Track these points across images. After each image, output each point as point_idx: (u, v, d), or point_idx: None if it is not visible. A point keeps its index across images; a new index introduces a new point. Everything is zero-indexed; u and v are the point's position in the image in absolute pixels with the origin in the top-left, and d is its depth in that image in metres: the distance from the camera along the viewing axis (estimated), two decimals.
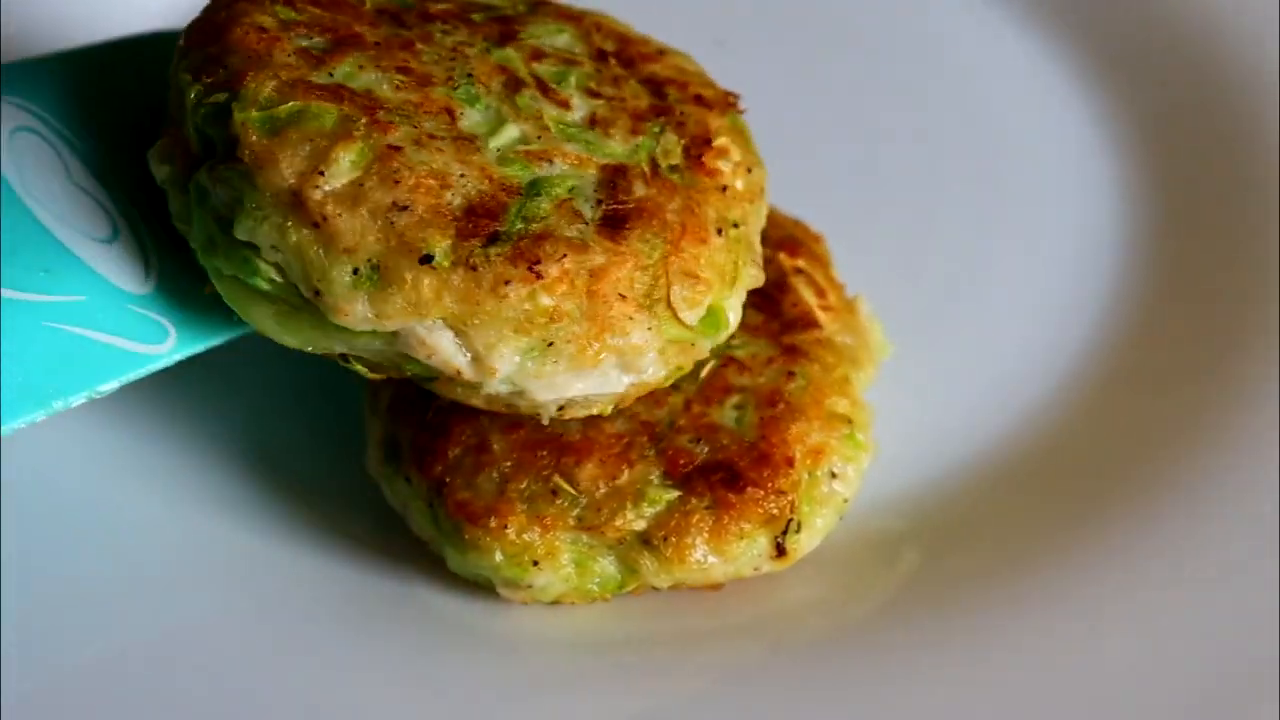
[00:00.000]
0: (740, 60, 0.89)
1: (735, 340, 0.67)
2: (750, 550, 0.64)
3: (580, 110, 0.64)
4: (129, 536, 0.68)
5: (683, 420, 0.66)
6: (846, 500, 0.66)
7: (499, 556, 0.64)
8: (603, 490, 0.64)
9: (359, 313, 0.58)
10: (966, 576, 0.68)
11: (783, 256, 0.71)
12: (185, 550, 0.68)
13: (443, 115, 0.62)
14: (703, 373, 0.67)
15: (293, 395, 0.73)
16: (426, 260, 0.58)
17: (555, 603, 0.66)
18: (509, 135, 0.62)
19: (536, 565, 0.64)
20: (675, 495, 0.64)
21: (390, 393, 0.68)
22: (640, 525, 0.64)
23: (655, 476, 0.64)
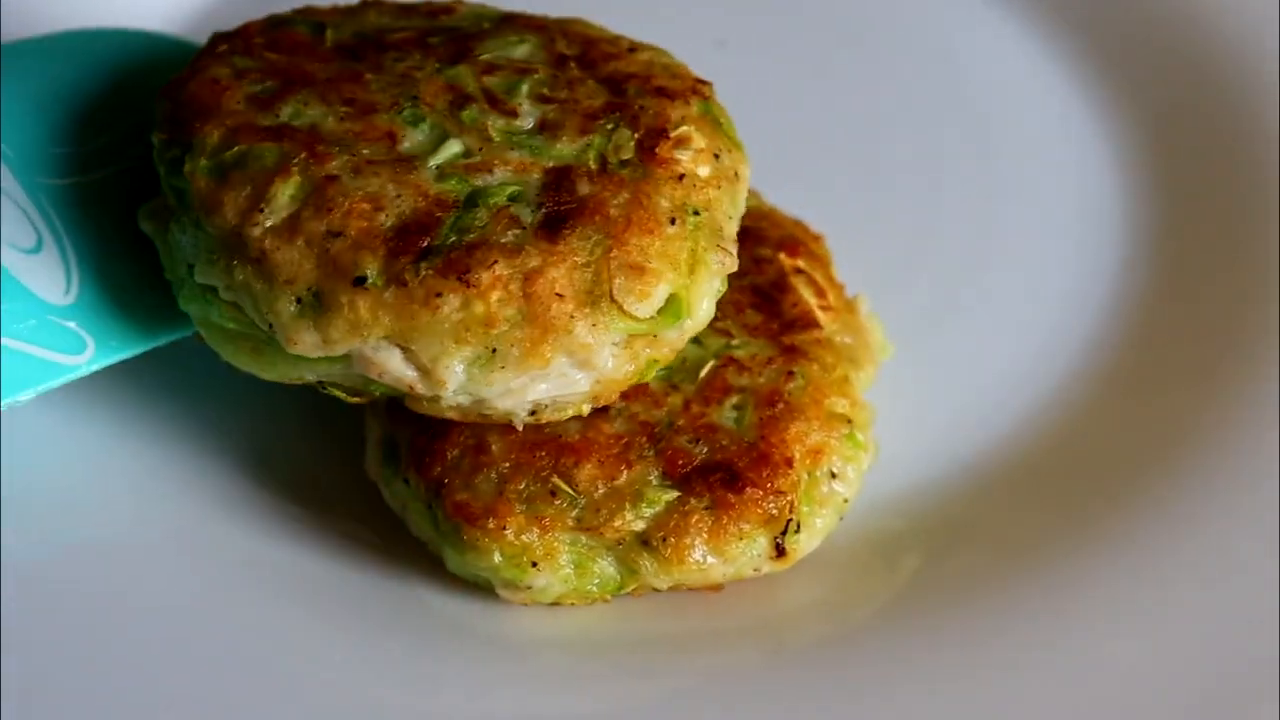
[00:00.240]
0: (740, 60, 0.90)
1: (734, 340, 0.68)
2: (750, 551, 0.64)
3: (530, 117, 0.65)
4: (127, 536, 0.68)
5: (681, 420, 0.65)
6: (847, 500, 0.66)
7: (497, 557, 0.63)
8: (601, 491, 0.64)
9: (308, 341, 0.60)
10: (967, 577, 0.68)
11: (783, 256, 0.71)
12: (184, 551, 0.68)
13: (384, 140, 0.64)
14: (702, 373, 0.67)
15: (292, 397, 0.73)
16: (360, 282, 0.60)
17: (555, 604, 0.65)
18: (450, 151, 0.63)
19: (535, 566, 0.63)
20: (674, 496, 0.64)
21: None
22: (639, 526, 0.64)
23: (654, 477, 0.64)
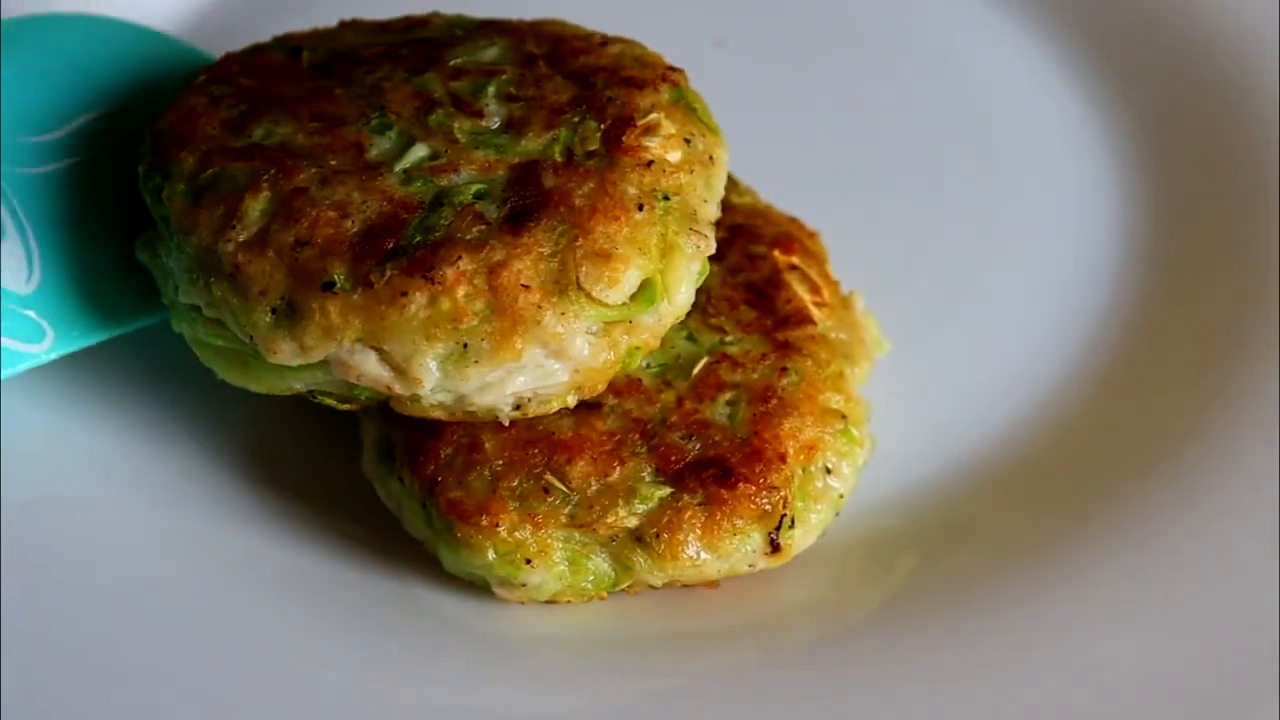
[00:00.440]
0: (740, 60, 0.90)
1: (728, 337, 0.68)
2: (744, 546, 0.64)
3: (497, 117, 0.65)
4: (125, 536, 0.68)
5: (674, 417, 0.65)
6: (842, 496, 0.66)
7: (491, 555, 0.63)
8: (594, 487, 0.64)
9: (286, 349, 0.61)
10: (964, 576, 0.68)
11: (777, 253, 0.71)
12: (181, 551, 0.68)
13: (351, 150, 0.65)
14: (695, 369, 0.67)
15: (287, 399, 0.73)
16: (329, 287, 0.61)
17: (551, 601, 0.65)
18: (416, 155, 0.64)
19: (529, 563, 0.63)
20: (667, 492, 0.64)
21: None
22: (633, 522, 0.64)
23: (647, 473, 0.64)
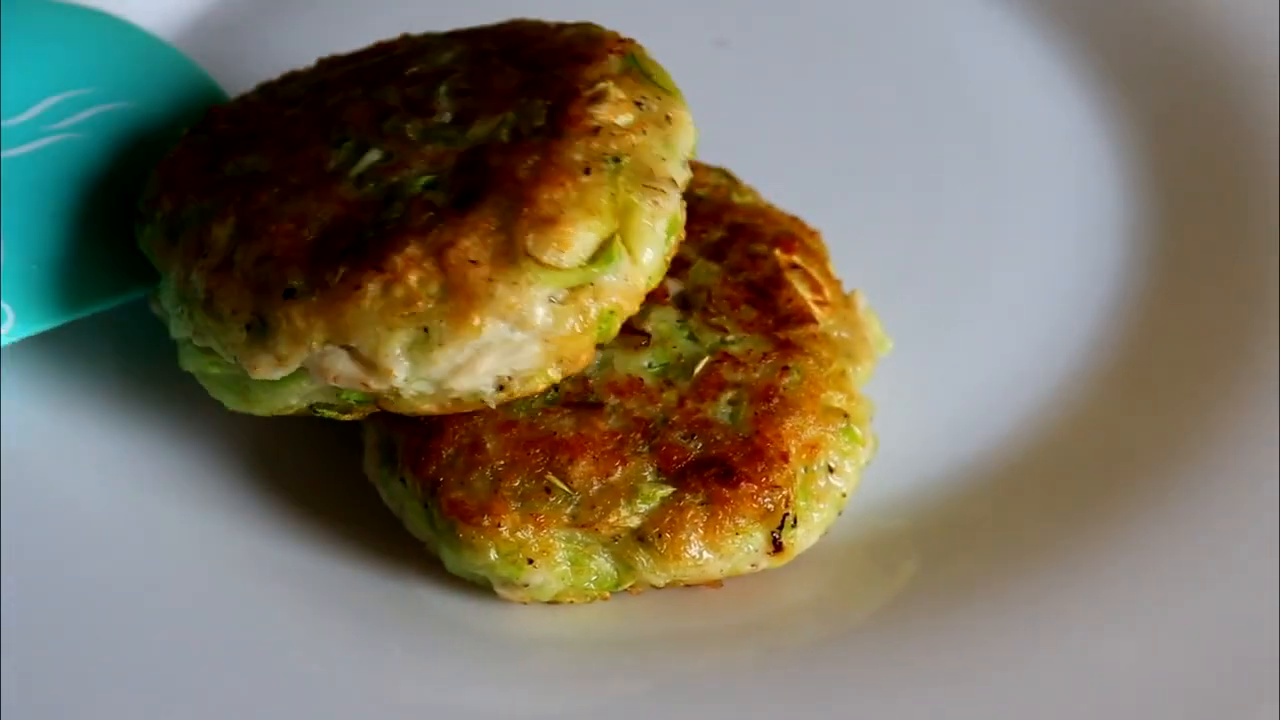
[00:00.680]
0: (742, 60, 0.90)
1: (729, 336, 0.68)
2: (746, 546, 0.64)
3: (449, 112, 0.66)
4: (126, 537, 0.68)
5: (676, 416, 0.65)
6: (845, 495, 0.66)
7: (493, 555, 0.63)
8: (596, 487, 0.64)
9: (265, 363, 0.63)
10: (966, 577, 0.68)
11: (778, 252, 0.70)
12: (185, 552, 0.68)
13: (311, 167, 0.66)
14: (697, 369, 0.66)
15: None
16: (290, 294, 0.62)
17: (553, 602, 0.65)
18: (369, 160, 0.65)
19: (531, 563, 0.63)
20: (669, 491, 0.64)
21: None
22: (635, 522, 0.64)
23: (649, 473, 0.64)
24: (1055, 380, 0.76)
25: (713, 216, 0.72)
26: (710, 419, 0.65)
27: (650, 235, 0.63)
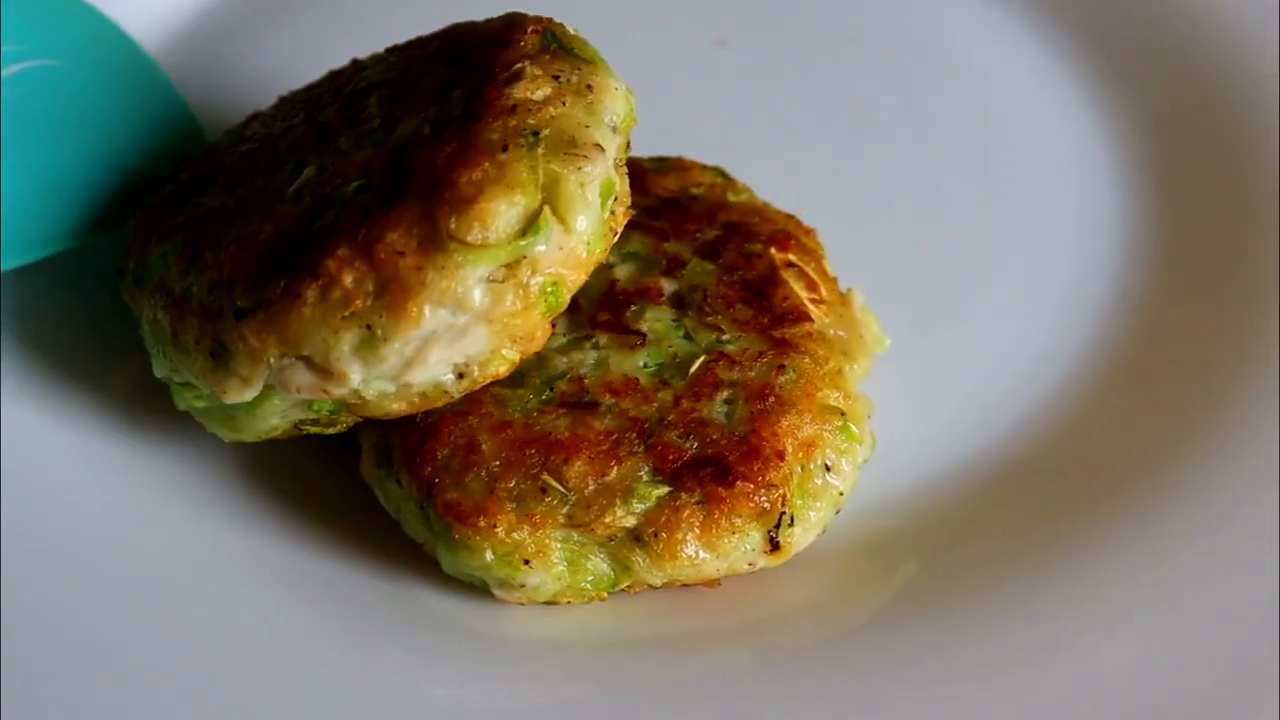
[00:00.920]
0: (741, 59, 0.90)
1: (725, 335, 0.67)
2: (743, 545, 0.64)
3: (377, 119, 0.67)
4: (123, 539, 0.68)
5: (672, 416, 0.65)
6: (842, 494, 0.66)
7: (489, 556, 0.63)
8: (592, 487, 0.64)
9: (233, 386, 0.64)
10: (964, 578, 0.67)
11: (773, 251, 0.70)
12: (182, 555, 0.68)
13: (256, 194, 0.67)
14: (692, 369, 0.66)
15: None
16: (240, 314, 0.63)
17: (550, 602, 0.65)
18: (305, 176, 0.66)
19: (528, 564, 0.63)
20: (665, 491, 0.64)
21: None
22: (631, 522, 0.63)
23: (644, 472, 0.64)
24: (1054, 379, 0.75)
25: (708, 215, 0.72)
26: (706, 418, 0.65)
27: (580, 202, 0.62)
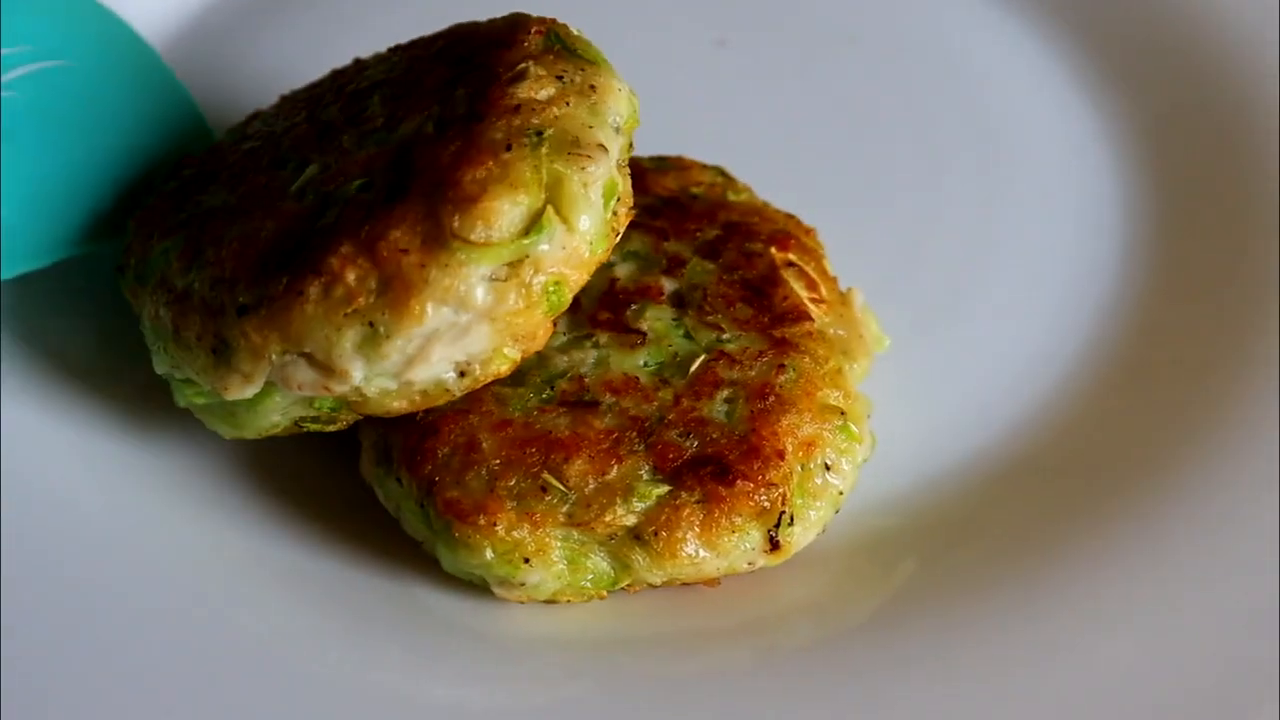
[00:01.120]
0: (741, 58, 0.90)
1: (725, 335, 0.67)
2: (743, 544, 0.64)
3: (380, 118, 0.67)
4: (122, 538, 0.68)
5: (672, 415, 0.65)
6: (842, 493, 0.66)
7: (489, 554, 0.63)
8: (592, 486, 0.64)
9: (234, 382, 0.64)
10: (964, 577, 0.67)
11: (773, 250, 0.70)
12: (182, 554, 0.68)
13: (259, 191, 0.67)
14: (692, 368, 0.66)
15: None
16: (242, 311, 0.63)
17: (550, 601, 0.65)
18: (308, 174, 0.66)
19: (528, 562, 0.63)
20: (665, 490, 0.64)
21: None
22: (631, 520, 0.63)
23: (645, 471, 0.64)
24: (1054, 378, 0.75)
25: (708, 215, 0.72)
26: (706, 417, 0.65)
27: (583, 201, 0.62)
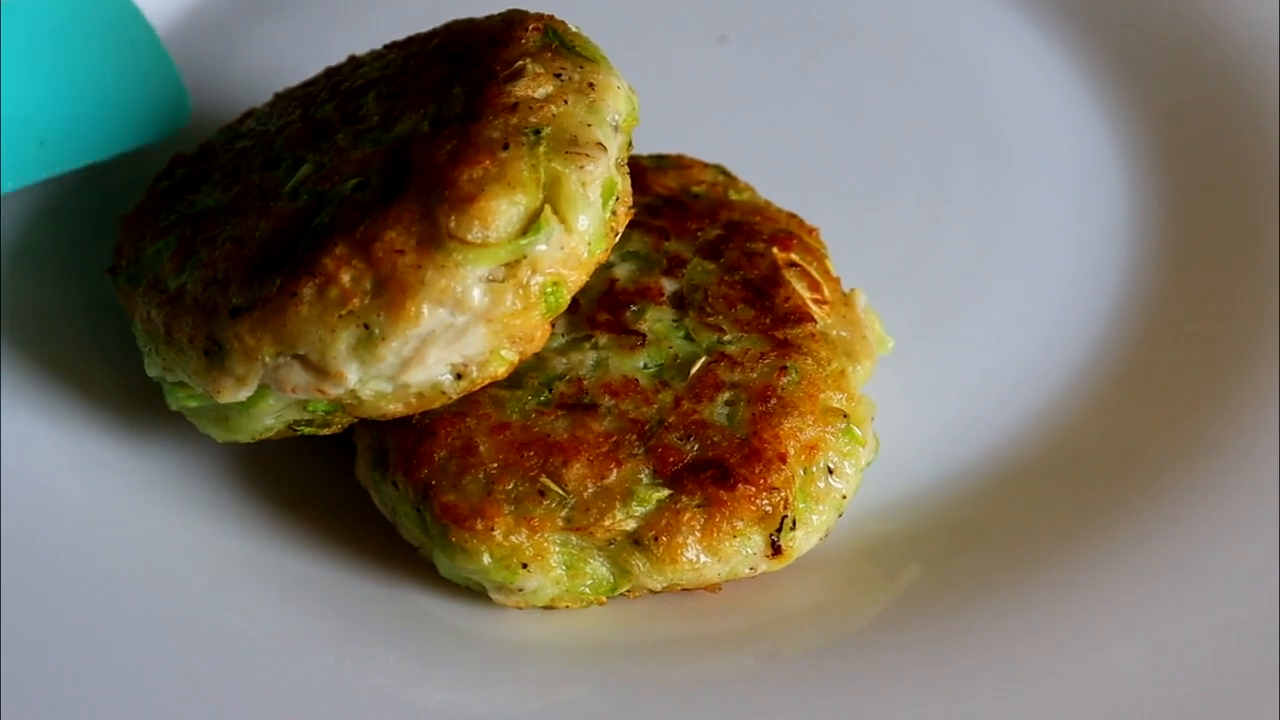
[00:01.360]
0: (743, 55, 0.89)
1: (726, 336, 0.67)
2: (744, 549, 0.63)
3: (375, 116, 0.67)
4: (118, 542, 0.68)
5: (672, 418, 0.65)
6: (845, 497, 0.65)
7: (487, 559, 0.63)
8: (591, 490, 0.63)
9: (227, 385, 0.63)
10: (967, 582, 0.67)
11: (775, 250, 0.70)
12: (176, 559, 0.68)
13: (253, 191, 0.67)
14: (693, 370, 0.66)
15: None
16: (236, 312, 0.62)
17: (549, 607, 0.65)
18: (302, 173, 0.66)
19: (526, 567, 0.63)
20: (665, 494, 0.63)
21: None
22: (630, 525, 0.63)
23: (644, 475, 0.63)
24: (1060, 380, 0.75)
25: (709, 214, 0.72)
26: (707, 420, 0.65)
27: (582, 201, 0.62)
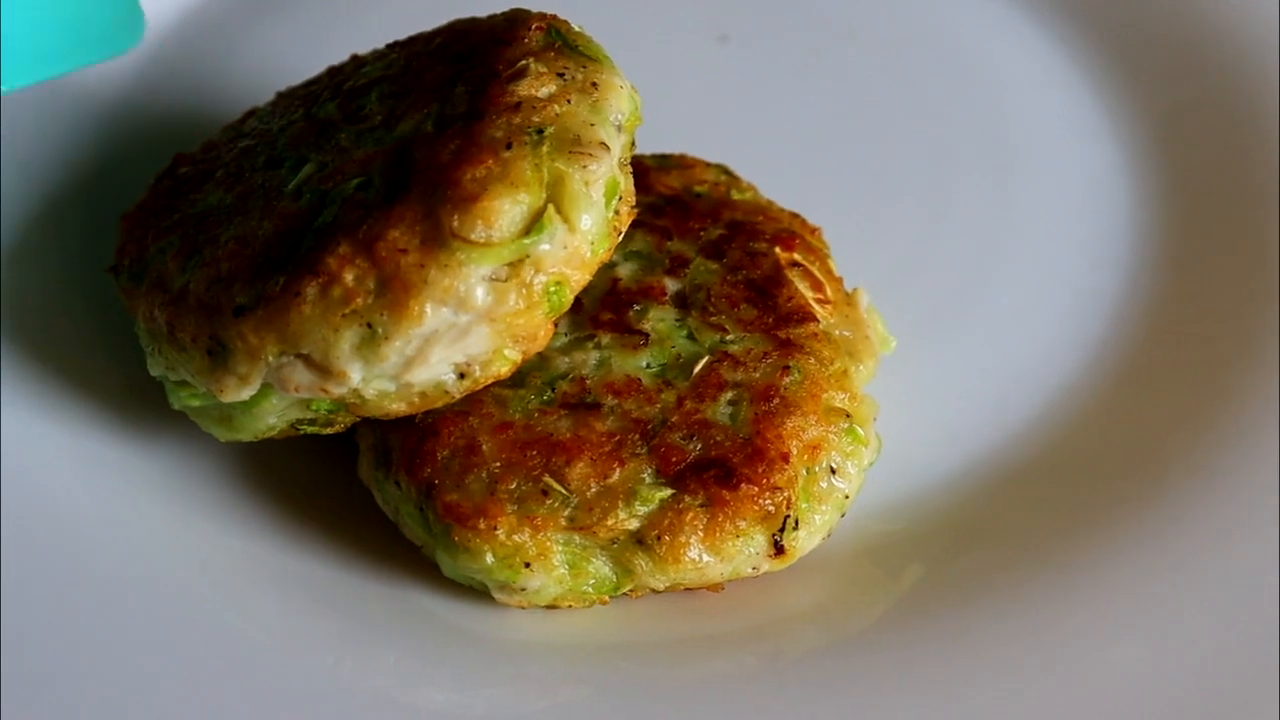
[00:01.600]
0: (744, 55, 0.89)
1: (729, 336, 0.67)
2: (747, 548, 0.63)
3: (378, 116, 0.67)
4: (120, 542, 0.68)
5: (675, 417, 0.65)
6: (848, 496, 0.65)
7: (490, 558, 0.63)
8: (594, 489, 0.63)
9: (230, 384, 0.63)
10: (971, 583, 0.67)
11: (778, 250, 0.70)
12: (179, 559, 0.68)
13: (256, 191, 0.67)
14: (696, 369, 0.66)
15: None
16: (239, 312, 0.62)
17: (551, 606, 0.65)
18: (305, 172, 0.66)
19: (528, 567, 0.63)
20: (668, 493, 0.63)
21: None
22: (633, 524, 0.63)
23: (647, 475, 0.63)
24: (1063, 380, 0.75)
25: (712, 214, 0.72)
26: (710, 419, 0.64)
27: (585, 200, 0.62)
